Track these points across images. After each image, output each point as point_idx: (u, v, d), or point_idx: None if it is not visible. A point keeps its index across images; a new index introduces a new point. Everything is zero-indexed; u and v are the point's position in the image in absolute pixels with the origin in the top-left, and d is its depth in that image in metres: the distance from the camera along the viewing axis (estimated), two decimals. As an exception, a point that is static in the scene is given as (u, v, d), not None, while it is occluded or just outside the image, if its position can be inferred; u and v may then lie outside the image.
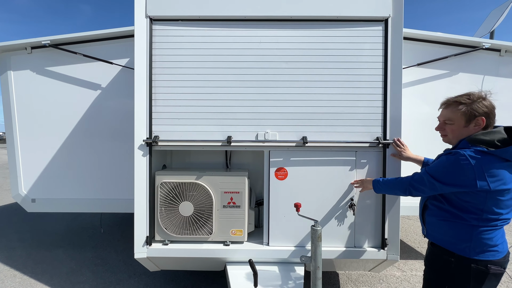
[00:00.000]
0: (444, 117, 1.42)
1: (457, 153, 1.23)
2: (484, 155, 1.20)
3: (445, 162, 1.29)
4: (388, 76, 2.01)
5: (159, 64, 2.07)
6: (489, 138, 1.23)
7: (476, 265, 1.24)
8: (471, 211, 1.25)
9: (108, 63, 2.67)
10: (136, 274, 2.92)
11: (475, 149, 1.23)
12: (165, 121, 2.08)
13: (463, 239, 1.27)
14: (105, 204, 2.79)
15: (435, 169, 1.32)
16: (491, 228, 1.24)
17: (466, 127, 1.32)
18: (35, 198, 2.80)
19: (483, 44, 2.60)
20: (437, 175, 1.30)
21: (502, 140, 1.22)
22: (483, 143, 1.24)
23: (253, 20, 2.04)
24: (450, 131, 1.39)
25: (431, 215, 1.41)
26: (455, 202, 1.29)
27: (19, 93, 2.76)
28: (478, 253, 1.25)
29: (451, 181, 1.25)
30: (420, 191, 1.39)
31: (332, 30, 2.04)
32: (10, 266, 3.09)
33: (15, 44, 2.69)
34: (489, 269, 1.23)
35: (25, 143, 2.77)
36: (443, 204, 1.34)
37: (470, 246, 1.25)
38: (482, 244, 1.24)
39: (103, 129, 2.75)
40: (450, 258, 1.30)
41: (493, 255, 1.25)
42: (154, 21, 2.06)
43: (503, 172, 1.18)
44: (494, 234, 1.25)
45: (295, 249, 2.08)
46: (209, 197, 2.09)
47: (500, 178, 1.18)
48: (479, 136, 1.26)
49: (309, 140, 2.03)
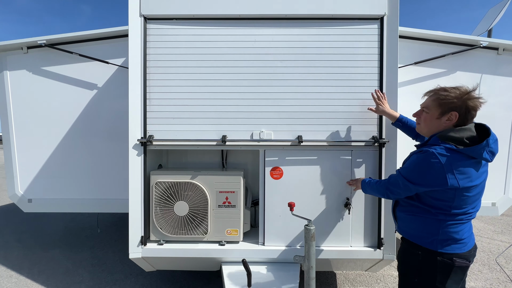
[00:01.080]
0: (424, 104, 1.42)
1: (427, 152, 1.25)
2: (453, 152, 1.22)
3: (415, 161, 1.31)
4: (384, 74, 2.00)
5: (154, 63, 2.06)
6: (459, 136, 1.25)
7: (442, 258, 1.26)
8: (440, 207, 1.27)
9: (104, 62, 2.66)
10: (133, 274, 2.91)
11: (444, 146, 1.24)
12: (159, 121, 2.07)
13: (431, 233, 1.29)
14: (102, 204, 2.78)
15: (407, 170, 1.34)
16: (458, 222, 1.27)
17: (439, 119, 1.32)
18: (32, 198, 2.79)
19: (481, 43, 2.59)
20: (410, 176, 1.31)
21: (471, 138, 1.24)
22: (453, 140, 1.25)
23: (247, 18, 2.03)
24: (423, 120, 1.40)
25: (402, 211, 1.44)
26: (424, 199, 1.31)
27: (15, 93, 2.75)
28: (444, 246, 1.27)
29: (423, 181, 1.26)
30: (396, 194, 1.42)
31: (326, 29, 2.03)
32: (6, 267, 3.09)
33: (11, 44, 2.68)
34: (454, 262, 1.25)
35: (21, 143, 2.76)
36: (413, 200, 1.37)
37: (437, 240, 1.28)
38: (449, 237, 1.27)
39: (99, 129, 2.74)
40: (418, 251, 1.32)
41: (459, 248, 1.27)
42: (148, 20, 2.05)
43: (470, 170, 1.21)
44: (461, 228, 1.27)
45: (291, 249, 2.07)
46: (204, 196, 2.08)
47: (468, 176, 1.21)
48: (450, 133, 1.27)
49: (305, 139, 2.02)
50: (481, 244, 3.77)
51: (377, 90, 1.96)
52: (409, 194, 1.36)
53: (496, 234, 4.17)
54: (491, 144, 1.21)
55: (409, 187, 1.31)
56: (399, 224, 1.47)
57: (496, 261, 3.28)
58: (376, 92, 1.95)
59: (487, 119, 2.60)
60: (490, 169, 1.28)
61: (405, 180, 1.32)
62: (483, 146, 1.19)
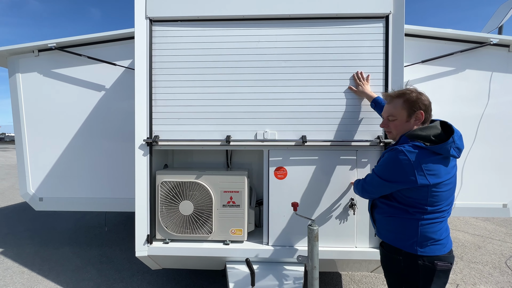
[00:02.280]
0: (387, 113, 1.45)
1: (396, 149, 1.29)
2: (421, 149, 1.25)
3: (386, 159, 1.35)
4: (389, 73, 1.98)
5: (159, 64, 2.09)
6: (426, 134, 1.29)
7: (423, 261, 1.26)
8: (416, 206, 1.28)
9: (111, 64, 2.72)
10: (140, 272, 2.96)
11: (413, 144, 1.28)
12: (165, 121, 2.10)
13: (410, 234, 1.30)
14: (110, 203, 2.84)
15: (380, 168, 1.38)
16: (435, 221, 1.28)
17: (408, 121, 1.37)
18: (43, 197, 2.87)
19: (491, 40, 2.52)
20: (382, 174, 1.35)
21: (437, 135, 1.28)
22: (420, 138, 1.29)
23: (251, 19, 2.04)
24: (393, 127, 1.43)
25: (379, 213, 1.44)
26: (401, 198, 1.33)
27: (27, 94, 2.83)
28: (423, 247, 1.27)
29: (394, 178, 1.29)
30: (372, 193, 1.45)
31: (331, 28, 2.02)
32: (19, 263, 3.19)
33: (23, 47, 2.77)
34: (435, 266, 1.25)
35: (33, 143, 2.84)
36: (390, 200, 1.37)
37: (417, 242, 1.28)
38: (427, 238, 1.28)
39: (108, 129, 2.80)
40: (399, 257, 1.33)
41: (438, 249, 1.27)
42: (154, 22, 2.08)
43: (438, 166, 1.24)
44: (438, 227, 1.29)
45: (295, 248, 2.07)
46: (208, 196, 2.10)
47: (437, 172, 1.24)
48: (417, 131, 1.31)
49: (309, 139, 2.01)
50: (492, 247, 3.67)
51: (359, 72, 1.98)
52: (384, 193, 1.38)
53: (508, 236, 4.05)
54: (456, 141, 1.25)
55: (382, 185, 1.35)
56: (378, 227, 1.47)
57: (507, 264, 3.19)
58: (358, 74, 1.98)
59: (497, 118, 2.58)
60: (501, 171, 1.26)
61: (378, 178, 1.37)
62: (450, 143, 1.23)
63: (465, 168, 2.60)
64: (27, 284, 2.79)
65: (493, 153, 2.59)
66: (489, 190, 2.61)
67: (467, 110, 2.62)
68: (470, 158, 2.60)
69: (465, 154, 2.61)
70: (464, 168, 2.60)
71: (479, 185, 2.61)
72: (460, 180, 2.63)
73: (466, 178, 2.61)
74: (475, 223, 4.59)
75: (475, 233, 4.16)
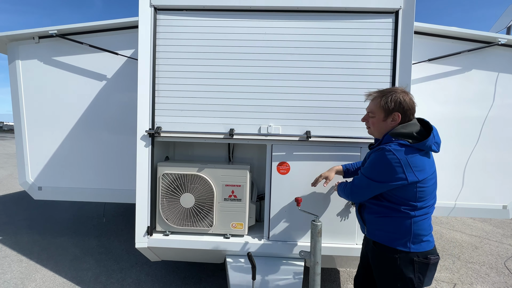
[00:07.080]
0: (368, 109, 1.48)
1: (383, 149, 1.30)
2: (406, 147, 1.28)
3: (374, 159, 1.35)
4: (397, 70, 1.95)
5: (163, 54, 2.05)
6: (408, 131, 1.32)
7: (418, 257, 1.30)
8: (406, 203, 1.30)
9: (113, 53, 2.67)
10: (138, 264, 2.96)
11: (398, 142, 1.30)
12: (168, 112, 2.07)
13: (404, 232, 1.32)
14: (109, 194, 2.82)
15: (368, 170, 1.38)
16: (424, 217, 1.32)
17: (385, 121, 1.39)
18: (42, 186, 2.85)
19: (499, 40, 2.49)
20: (371, 175, 1.35)
21: (419, 132, 1.32)
22: (404, 136, 1.32)
23: (258, 10, 2.00)
24: (372, 124, 1.46)
25: (370, 213, 1.44)
26: (391, 197, 1.33)
27: (27, 82, 2.79)
28: (415, 244, 1.31)
29: (384, 178, 1.30)
30: (361, 196, 1.45)
31: (339, 22, 1.98)
32: (17, 252, 3.18)
33: (23, 33, 2.71)
34: (429, 260, 1.31)
35: (32, 132, 2.81)
36: (380, 200, 1.38)
37: (410, 240, 1.31)
38: (418, 235, 1.31)
39: (108, 120, 2.77)
40: (395, 255, 1.33)
41: (428, 245, 1.32)
42: (159, 10, 2.04)
43: (423, 162, 1.28)
44: (425, 223, 1.33)
45: (296, 244, 2.06)
46: (210, 189, 2.09)
47: (423, 168, 1.27)
48: (399, 129, 1.34)
49: (313, 135, 1.99)
50: (490, 247, 3.70)
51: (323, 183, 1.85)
52: (374, 194, 1.38)
53: (505, 238, 4.08)
54: (435, 136, 1.30)
55: (373, 187, 1.35)
56: (369, 228, 1.46)
57: (505, 264, 3.21)
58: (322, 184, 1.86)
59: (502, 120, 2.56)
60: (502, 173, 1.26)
61: (368, 179, 1.36)
62: (431, 138, 1.28)
63: (467, 169, 2.60)
64: (26, 272, 2.79)
65: (494, 155, 2.59)
66: (489, 191, 2.61)
67: (471, 111, 2.60)
68: (472, 159, 2.59)
69: (466, 155, 2.60)
70: (466, 169, 2.60)
71: (479, 186, 2.61)
72: (461, 181, 2.63)
73: (467, 179, 2.61)
74: (472, 224, 4.62)
75: (472, 234, 4.19)
